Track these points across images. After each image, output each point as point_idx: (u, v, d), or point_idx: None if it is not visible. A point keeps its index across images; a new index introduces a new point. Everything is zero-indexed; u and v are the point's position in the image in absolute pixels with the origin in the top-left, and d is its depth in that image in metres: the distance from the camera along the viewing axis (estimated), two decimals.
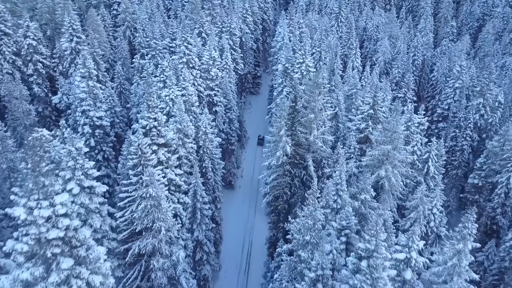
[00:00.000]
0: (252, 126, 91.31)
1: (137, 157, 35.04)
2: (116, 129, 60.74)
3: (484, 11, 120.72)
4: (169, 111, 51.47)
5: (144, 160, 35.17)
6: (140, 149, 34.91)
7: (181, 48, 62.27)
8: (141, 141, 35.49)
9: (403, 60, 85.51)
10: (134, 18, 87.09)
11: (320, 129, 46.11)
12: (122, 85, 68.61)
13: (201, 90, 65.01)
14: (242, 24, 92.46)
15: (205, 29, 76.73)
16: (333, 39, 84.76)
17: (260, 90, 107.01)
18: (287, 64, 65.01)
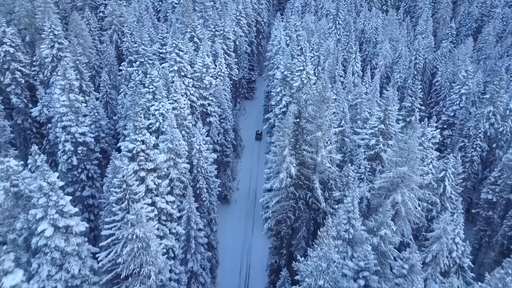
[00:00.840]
0: (247, 133, 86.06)
1: (121, 190, 29.62)
2: (101, 144, 55.13)
3: (482, 11, 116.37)
4: (159, 127, 46.04)
5: (130, 194, 29.77)
6: (125, 181, 29.49)
7: (172, 55, 56.78)
8: (126, 172, 30.01)
9: (405, 64, 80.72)
10: (121, 21, 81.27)
11: (327, 147, 40.96)
12: (109, 95, 62.92)
13: (193, 99, 59.62)
14: (235, 27, 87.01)
15: (197, 33, 71.22)
16: (332, 43, 79.68)
17: (254, 95, 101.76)
18: (286, 72, 59.79)
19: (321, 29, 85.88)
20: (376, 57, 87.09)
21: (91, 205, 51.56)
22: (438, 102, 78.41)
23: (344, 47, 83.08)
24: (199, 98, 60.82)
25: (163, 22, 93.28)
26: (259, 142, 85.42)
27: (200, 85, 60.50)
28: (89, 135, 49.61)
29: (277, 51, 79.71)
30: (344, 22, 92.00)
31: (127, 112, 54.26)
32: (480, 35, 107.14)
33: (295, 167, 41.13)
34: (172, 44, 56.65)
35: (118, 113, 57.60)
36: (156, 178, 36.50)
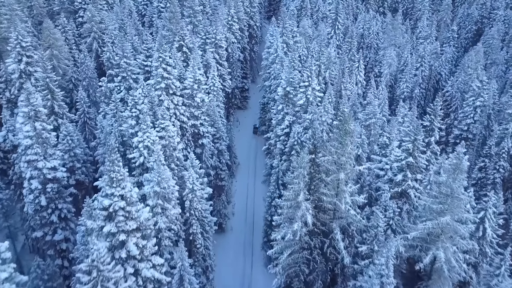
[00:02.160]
0: (242, 146, 77.63)
1: (90, 279, 21.18)
2: (77, 176, 46.39)
3: (482, 13, 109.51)
4: (143, 162, 37.52)
5: (102, 282, 21.37)
6: (96, 267, 21.07)
7: (159, 70, 48.14)
8: (97, 254, 21.53)
9: (411, 72, 73.14)
10: (102, 28, 72.16)
11: (350, 188, 32.95)
12: (87, 114, 54.03)
13: (184, 120, 51.13)
14: (227, 33, 78.44)
15: (187, 42, 62.58)
16: (333, 50, 71.72)
17: (248, 104, 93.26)
18: (289, 88, 51.62)
19: (320, 34, 77.78)
20: (379, 64, 79.36)
21: (65, 250, 42.92)
22: (448, 114, 70.99)
23: (346, 55, 75.13)
24: (190, 118, 52.34)
25: (148, 28, 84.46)
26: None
27: (191, 103, 52.02)
28: (61, 169, 40.85)
29: (274, 60, 71.51)
30: (343, 26, 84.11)
31: (107, 138, 45.66)
32: (482, 38, 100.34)
33: (311, 212, 33.03)
34: (159, 58, 48.00)
35: (97, 137, 48.84)
36: (140, 239, 28.10)
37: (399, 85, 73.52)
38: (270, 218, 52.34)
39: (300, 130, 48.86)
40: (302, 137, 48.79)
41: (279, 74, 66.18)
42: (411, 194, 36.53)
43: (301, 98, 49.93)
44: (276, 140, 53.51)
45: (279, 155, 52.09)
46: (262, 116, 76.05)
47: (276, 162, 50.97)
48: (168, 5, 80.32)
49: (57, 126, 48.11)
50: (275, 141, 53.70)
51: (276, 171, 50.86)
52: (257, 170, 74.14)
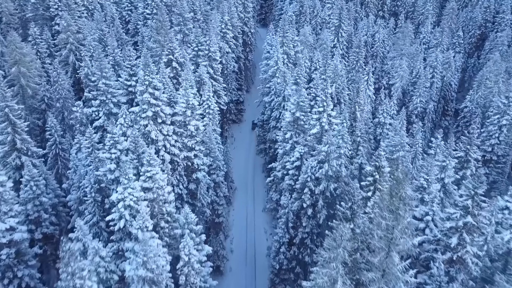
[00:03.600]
0: (238, 165, 68.49)
1: None
2: (44, 228, 36.89)
3: (486, 17, 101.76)
4: (125, 225, 28.18)
5: None
6: None
7: (144, 96, 38.72)
8: None
9: (426, 85, 64.72)
10: (79, 38, 62.24)
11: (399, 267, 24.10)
12: (59, 145, 44.53)
13: (175, 152, 41.89)
14: (221, 42, 69.09)
15: (177, 56, 53.17)
16: (339, 62, 62.86)
17: (243, 117, 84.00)
18: (298, 113, 42.58)
19: (323, 43, 68.83)
20: (387, 75, 70.77)
21: None
22: (468, 131, 62.53)
23: (352, 66, 66.43)
24: (183, 149, 43.11)
25: (133, 36, 74.57)
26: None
27: (183, 132, 42.75)
28: (20, 228, 31.40)
29: (274, 73, 62.35)
30: (346, 33, 75.28)
31: (81, 181, 36.27)
32: (489, 44, 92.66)
33: None
34: (145, 81, 38.55)
35: (70, 179, 39.29)
36: None
37: (411, 100, 65.03)
38: (278, 266, 43.62)
39: (314, 164, 39.98)
40: (317, 172, 39.95)
41: (281, 90, 57.19)
42: (468, 261, 27.89)
43: (314, 126, 41.00)
44: (284, 173, 44.55)
45: (288, 191, 43.14)
46: (261, 134, 66.92)
47: (285, 200, 42.03)
48: (154, 11, 70.77)
49: (20, 165, 38.51)
50: (283, 174, 44.72)
51: (286, 212, 41.94)
52: (256, 193, 65.37)
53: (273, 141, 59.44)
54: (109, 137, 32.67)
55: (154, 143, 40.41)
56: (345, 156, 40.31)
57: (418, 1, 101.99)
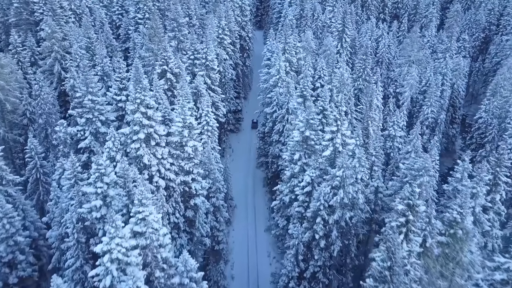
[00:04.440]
0: (237, 181, 63.39)
1: None
2: (20, 271, 31.73)
3: (490, 20, 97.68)
4: (112, 283, 23.13)
5: None
6: None
7: (136, 116, 33.69)
8: None
9: (436, 94, 60.19)
10: (65, 46, 56.93)
11: None
12: (40, 169, 39.41)
13: (171, 177, 36.91)
14: (218, 48, 64.12)
15: (172, 66, 48.12)
16: (345, 70, 58.04)
17: (241, 126, 79.14)
18: (308, 131, 37.71)
19: (327, 49, 64.03)
20: (394, 83, 66.16)
21: None
22: (482, 144, 58.22)
23: (359, 74, 61.71)
24: (179, 173, 38.12)
25: (124, 42, 69.37)
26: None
27: (180, 154, 37.76)
28: None
29: (276, 83, 57.55)
30: (350, 38, 70.50)
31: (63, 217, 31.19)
32: (494, 48, 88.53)
33: None
34: (136, 99, 33.50)
35: (51, 211, 34.13)
36: None
37: (421, 110, 60.43)
38: None
39: (327, 190, 35.25)
40: (331, 200, 35.24)
41: (285, 102, 52.32)
42: None
43: (327, 148, 36.17)
44: (292, 198, 39.74)
45: (297, 219, 38.32)
46: (263, 146, 62.02)
47: (295, 230, 37.21)
48: (147, 15, 65.52)
49: None
50: (291, 198, 39.89)
51: (295, 244, 37.12)
52: (257, 210, 60.57)
53: (276, 156, 54.72)
54: (95, 169, 27.58)
55: (147, 168, 35.41)
56: (362, 182, 35.57)
57: (420, 3, 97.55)
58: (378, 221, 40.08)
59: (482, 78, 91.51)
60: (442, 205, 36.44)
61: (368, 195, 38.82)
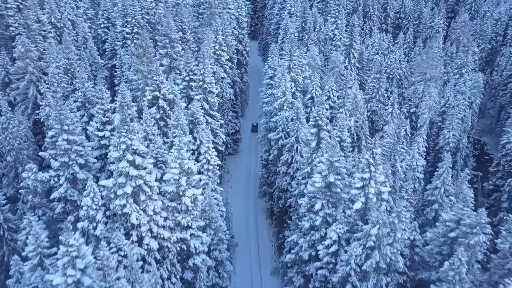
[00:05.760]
0: (237, 211, 55.42)
1: None
2: None
3: (497, 30, 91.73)
4: None
5: None
6: None
7: (121, 166, 26.15)
8: None
9: (458, 116, 53.50)
10: (42, 66, 49.10)
11: None
12: (4, 224, 31.59)
13: (165, 236, 29.45)
14: (215, 66, 56.76)
15: (164, 92, 40.61)
16: (358, 91, 51.02)
17: (239, 148, 71.78)
18: (332, 177, 30.44)
19: (335, 66, 57.11)
20: (408, 102, 59.36)
21: None
22: (510, 172, 51.53)
23: (371, 94, 54.84)
24: (175, 228, 30.62)
25: (110, 59, 61.62)
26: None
27: (176, 206, 30.25)
28: None
29: (282, 106, 50.39)
30: (358, 52, 63.60)
31: None
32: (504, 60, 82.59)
33: None
34: (120, 143, 25.98)
35: None
36: None
37: (442, 133, 53.65)
38: None
39: (358, 251, 28.06)
40: (363, 263, 28.01)
41: (294, 130, 45.02)
42: None
43: (357, 199, 28.94)
44: (312, 254, 32.37)
45: (320, 283, 30.98)
46: (265, 175, 54.67)
47: None
48: (135, 29, 57.97)
49: None
50: (310, 255, 32.50)
51: None
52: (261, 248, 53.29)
53: (284, 190, 47.41)
54: (64, 252, 19.96)
55: (135, 229, 27.84)
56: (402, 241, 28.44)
57: (424, 13, 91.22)
58: (413, 280, 32.97)
59: (491, 92, 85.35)
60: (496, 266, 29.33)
61: (403, 249, 31.70)
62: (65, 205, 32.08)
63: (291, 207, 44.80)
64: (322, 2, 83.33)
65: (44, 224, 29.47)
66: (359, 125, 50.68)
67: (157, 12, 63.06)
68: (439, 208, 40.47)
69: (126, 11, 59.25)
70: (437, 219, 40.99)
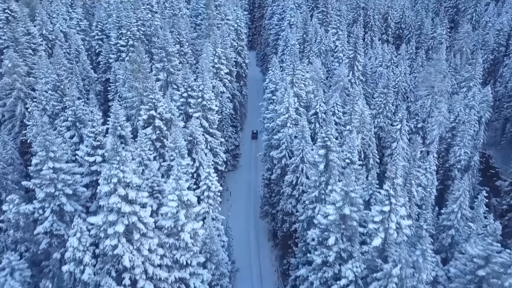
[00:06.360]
0: (238, 233, 51.72)
1: None
2: None
3: (499, 41, 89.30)
4: None
5: None
6: None
7: (112, 201, 22.81)
8: None
9: (469, 133, 50.57)
10: (31, 82, 45.75)
11: None
12: None
13: (162, 277, 26.04)
14: (215, 80, 53.65)
15: (161, 111, 37.35)
16: (365, 107, 47.97)
17: (238, 163, 68.48)
18: (347, 209, 27.17)
19: (340, 80, 54.17)
20: (415, 117, 56.40)
21: None
22: None
23: (378, 110, 51.86)
24: (173, 266, 27.22)
25: (104, 72, 58.40)
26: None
27: (174, 242, 26.88)
28: None
29: (285, 123, 47.28)
30: (361, 65, 60.70)
31: None
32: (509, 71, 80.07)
33: None
34: (111, 177, 22.67)
35: None
36: None
37: (453, 151, 50.67)
38: None
39: None
40: None
41: (300, 150, 41.83)
42: None
43: (375, 235, 25.71)
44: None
45: None
46: (268, 195, 51.40)
47: None
48: (130, 42, 54.81)
49: None
50: None
51: None
52: (264, 273, 49.88)
53: (288, 214, 44.11)
54: None
55: (128, 271, 24.42)
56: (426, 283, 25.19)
57: (425, 23, 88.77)
58: None
59: (495, 104, 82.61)
60: None
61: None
62: (50, 239, 28.64)
63: (296, 231, 41.61)
64: (322, 13, 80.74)
65: (26, 264, 26.16)
66: (366, 142, 47.57)
67: (153, 24, 59.94)
68: (456, 234, 37.45)
69: (121, 22, 56.09)
70: (453, 246, 37.95)
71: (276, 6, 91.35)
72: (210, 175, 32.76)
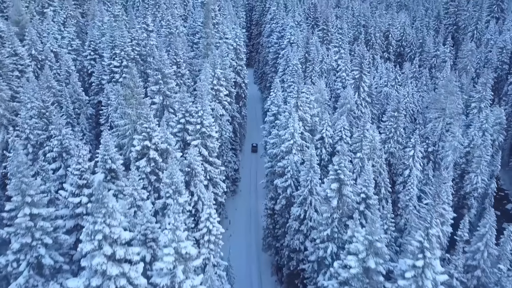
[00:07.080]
0: (239, 267, 47.49)
1: None
2: None
3: (502, 58, 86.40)
4: None
5: None
6: None
7: (95, 262, 18.56)
8: None
9: (485, 158, 46.84)
10: (16, 108, 41.64)
11: None
12: None
13: None
14: (214, 102, 49.77)
15: (156, 141, 33.28)
16: (376, 132, 44.14)
17: (238, 188, 64.21)
18: (372, 261, 23.03)
19: (347, 103, 50.54)
20: (425, 141, 52.57)
21: None
22: None
23: (389, 134, 48.10)
24: None
25: (96, 94, 54.42)
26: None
27: None
28: None
29: (290, 149, 43.31)
30: (367, 85, 57.15)
31: None
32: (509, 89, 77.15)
33: None
34: (95, 233, 18.48)
35: None
36: None
37: (468, 178, 46.83)
38: None
39: None
40: None
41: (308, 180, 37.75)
42: None
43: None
44: None
45: None
46: (271, 226, 47.09)
47: None
48: (124, 63, 50.96)
49: None
50: None
51: None
52: None
53: (295, 251, 39.88)
54: None
55: None
56: None
57: (427, 41, 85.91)
58: None
59: None
60: None
61: None
62: None
63: (305, 270, 37.44)
64: (322, 31, 77.58)
65: None
66: (376, 169, 43.58)
67: (149, 43, 56.25)
68: (483, 275, 33.39)
69: (115, 42, 52.32)
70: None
71: (275, 24, 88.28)
72: (211, 217, 28.59)
